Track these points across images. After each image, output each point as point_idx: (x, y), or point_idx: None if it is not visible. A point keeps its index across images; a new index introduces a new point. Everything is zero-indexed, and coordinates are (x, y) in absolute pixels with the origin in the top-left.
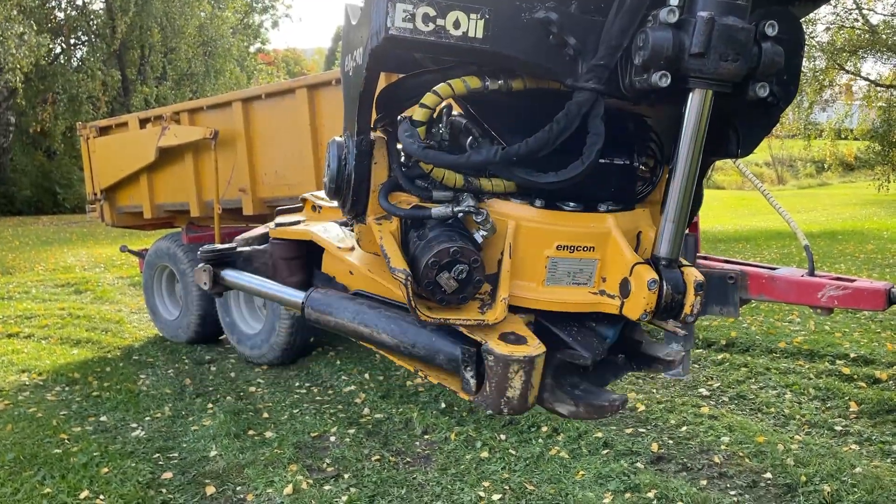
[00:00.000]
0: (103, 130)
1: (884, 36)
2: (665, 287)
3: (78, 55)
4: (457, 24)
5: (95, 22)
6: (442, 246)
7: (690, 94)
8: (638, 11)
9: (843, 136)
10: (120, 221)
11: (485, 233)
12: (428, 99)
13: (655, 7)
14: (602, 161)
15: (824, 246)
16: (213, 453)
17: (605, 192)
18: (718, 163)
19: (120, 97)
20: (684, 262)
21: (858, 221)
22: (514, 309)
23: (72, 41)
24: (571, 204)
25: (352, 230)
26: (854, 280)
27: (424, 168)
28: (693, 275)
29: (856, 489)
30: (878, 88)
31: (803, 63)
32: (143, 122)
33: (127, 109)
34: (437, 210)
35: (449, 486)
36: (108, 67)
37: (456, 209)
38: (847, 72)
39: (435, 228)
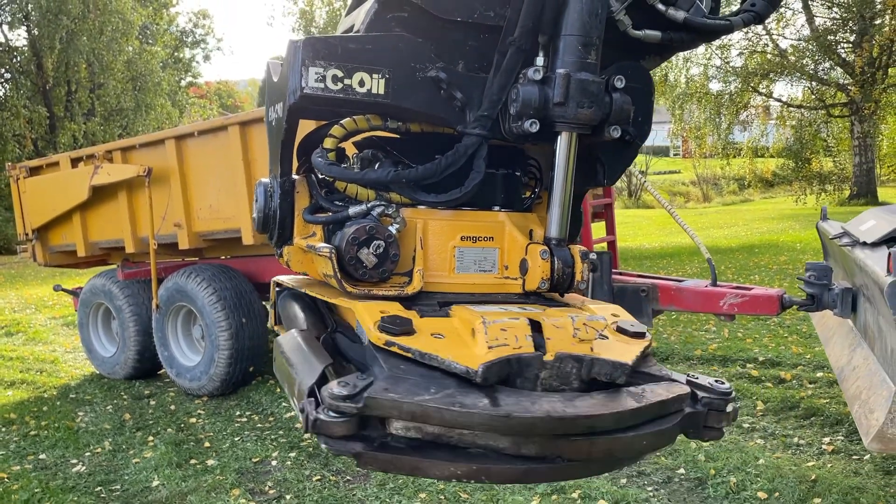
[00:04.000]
0: (34, 171)
1: (792, 59)
2: (556, 261)
3: (0, 92)
4: (362, 83)
5: (19, 58)
6: (360, 224)
7: (559, 137)
8: (512, 71)
9: (760, 155)
10: (53, 260)
11: (398, 226)
12: (335, 130)
13: (525, 67)
14: (490, 171)
15: (742, 259)
16: (155, 483)
17: (496, 198)
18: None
19: (47, 134)
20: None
21: (775, 235)
22: (428, 296)
23: None
24: (468, 208)
25: (281, 255)
26: (751, 288)
27: (339, 188)
28: (578, 248)
29: (759, 478)
30: (790, 109)
31: (718, 87)
32: (74, 162)
33: (54, 147)
34: (355, 209)
35: (388, 500)
36: (33, 104)
37: (370, 205)
38: (760, 94)
39: (353, 224)
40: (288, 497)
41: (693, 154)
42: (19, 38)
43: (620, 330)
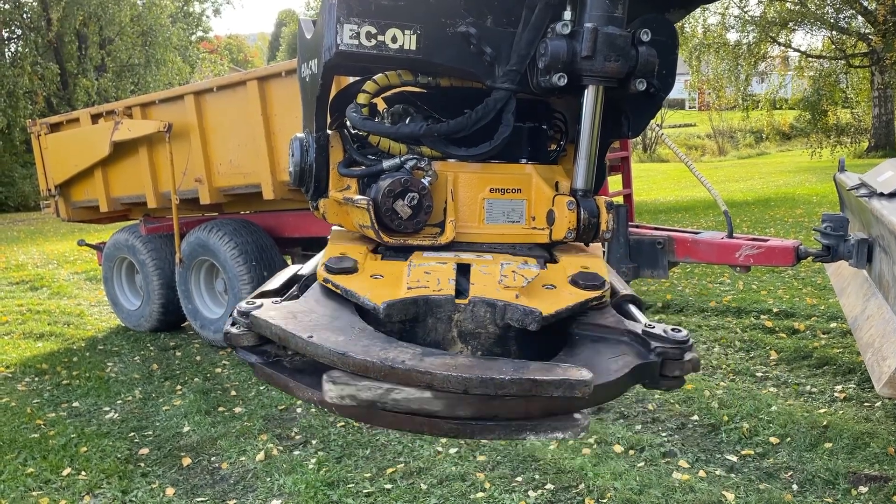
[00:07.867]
0: (55, 127)
1: (813, 7)
2: (582, 212)
3: (12, 49)
4: (394, 39)
5: (28, 14)
6: (395, 178)
7: (586, 90)
8: (540, 26)
9: (778, 107)
10: (76, 216)
11: (429, 178)
12: (368, 86)
13: (553, 21)
14: (517, 124)
15: (757, 212)
16: (186, 429)
17: (523, 151)
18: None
19: (59, 91)
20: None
21: (791, 188)
22: (459, 246)
23: (5, 35)
24: (497, 161)
25: (316, 208)
26: (767, 240)
27: (372, 142)
28: (603, 200)
29: (771, 424)
30: (810, 59)
31: (736, 37)
32: (94, 118)
33: (68, 103)
34: (388, 163)
35: (409, 445)
36: (45, 61)
37: (403, 159)
38: (779, 44)
39: (388, 177)
40: (314, 442)
41: (710, 106)
42: None
43: (573, 282)
